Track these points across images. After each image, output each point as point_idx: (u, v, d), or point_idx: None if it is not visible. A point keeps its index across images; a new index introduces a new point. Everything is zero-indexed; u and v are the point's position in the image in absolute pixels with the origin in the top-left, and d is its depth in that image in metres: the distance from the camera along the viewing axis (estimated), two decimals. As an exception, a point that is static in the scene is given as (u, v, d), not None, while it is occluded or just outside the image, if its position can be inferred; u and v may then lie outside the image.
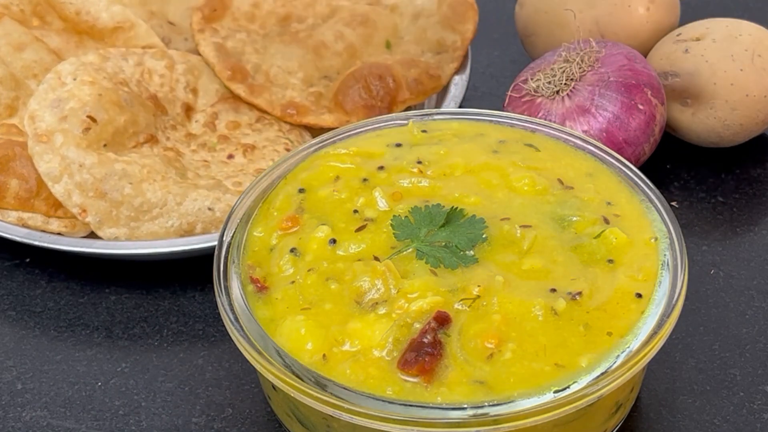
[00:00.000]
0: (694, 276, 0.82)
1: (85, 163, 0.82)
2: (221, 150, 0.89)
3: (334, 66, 0.94)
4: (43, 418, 0.75)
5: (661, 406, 0.73)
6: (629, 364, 0.63)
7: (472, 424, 0.61)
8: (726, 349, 0.77)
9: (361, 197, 0.72)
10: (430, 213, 0.70)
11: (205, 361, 0.78)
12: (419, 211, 0.70)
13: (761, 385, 0.74)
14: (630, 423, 0.72)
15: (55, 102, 0.85)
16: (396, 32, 0.97)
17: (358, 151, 0.77)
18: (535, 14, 0.96)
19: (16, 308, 0.83)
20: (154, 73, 0.91)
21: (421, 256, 0.68)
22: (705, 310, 0.80)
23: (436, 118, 0.80)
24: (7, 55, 0.92)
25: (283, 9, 0.98)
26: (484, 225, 0.69)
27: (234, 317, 0.67)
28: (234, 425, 0.74)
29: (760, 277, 0.82)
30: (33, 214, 0.84)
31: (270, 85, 0.93)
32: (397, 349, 0.63)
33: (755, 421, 0.72)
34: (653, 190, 0.73)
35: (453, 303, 0.65)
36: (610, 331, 0.64)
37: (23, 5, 0.96)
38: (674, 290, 0.66)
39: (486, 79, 1.03)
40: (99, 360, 0.79)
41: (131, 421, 0.74)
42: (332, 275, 0.68)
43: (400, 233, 0.69)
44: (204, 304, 0.82)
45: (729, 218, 0.87)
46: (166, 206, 0.82)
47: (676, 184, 0.90)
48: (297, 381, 0.63)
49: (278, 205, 0.74)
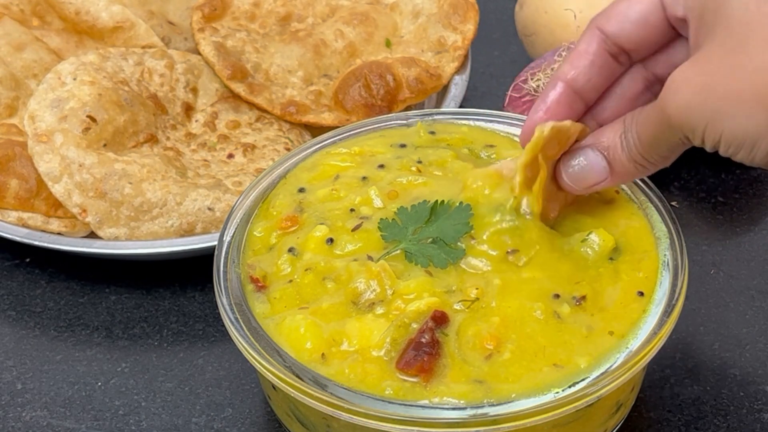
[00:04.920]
0: (694, 276, 0.81)
1: (85, 163, 0.82)
2: (221, 149, 0.89)
3: (334, 65, 0.94)
4: (43, 418, 0.75)
5: (661, 406, 0.73)
6: (629, 364, 0.63)
7: (472, 424, 0.60)
8: (726, 349, 0.77)
9: (358, 196, 0.72)
10: (416, 211, 0.70)
11: (205, 361, 0.78)
12: (405, 212, 0.70)
13: (761, 385, 0.74)
14: (630, 423, 0.72)
15: (55, 102, 0.85)
16: (396, 31, 0.97)
17: (360, 151, 0.77)
18: (535, 14, 0.96)
19: (16, 308, 0.83)
20: (154, 73, 0.91)
21: (410, 258, 0.68)
22: (705, 310, 0.80)
23: (437, 118, 0.80)
24: (7, 55, 0.92)
25: (283, 8, 0.98)
26: (470, 213, 0.69)
27: (234, 317, 0.67)
28: (234, 425, 0.74)
29: (760, 277, 0.82)
30: (33, 214, 0.84)
31: (270, 84, 0.93)
32: (395, 349, 0.63)
33: (755, 421, 0.72)
34: (653, 190, 0.73)
35: (450, 303, 0.65)
36: (612, 331, 0.64)
37: (23, 5, 0.96)
38: (674, 290, 0.66)
39: (486, 79, 1.03)
40: (99, 360, 0.79)
41: (131, 421, 0.74)
42: (329, 275, 0.68)
43: (387, 234, 0.69)
44: (204, 304, 0.82)
45: (729, 218, 0.87)
46: (166, 206, 0.82)
47: (676, 184, 0.90)
48: (297, 381, 0.63)
49: (278, 205, 0.74)
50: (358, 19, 0.96)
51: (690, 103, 0.59)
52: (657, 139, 0.63)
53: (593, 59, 0.66)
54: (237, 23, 0.97)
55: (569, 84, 0.67)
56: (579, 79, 0.67)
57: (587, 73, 0.67)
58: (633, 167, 0.65)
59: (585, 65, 0.67)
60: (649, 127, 0.63)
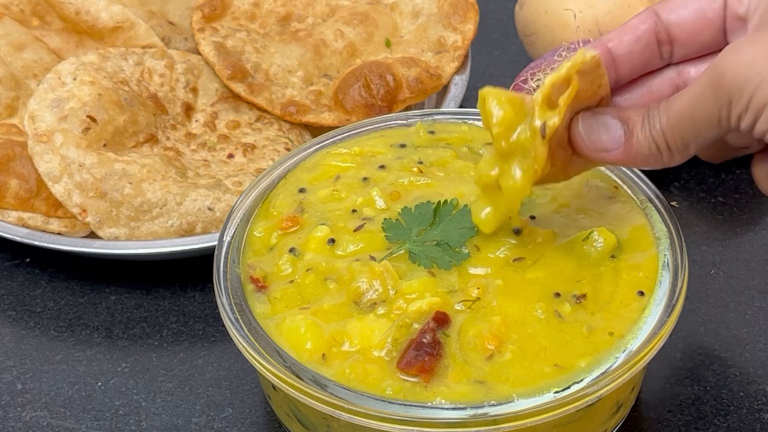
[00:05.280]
0: (694, 276, 0.81)
1: (85, 163, 0.82)
2: (221, 149, 0.89)
3: (334, 64, 0.94)
4: (43, 418, 0.75)
5: (661, 406, 0.73)
6: (629, 364, 0.63)
7: (472, 424, 0.61)
8: (726, 349, 0.77)
9: (360, 197, 0.72)
10: (420, 212, 0.70)
11: (205, 361, 0.78)
12: (409, 212, 0.70)
13: (761, 385, 0.74)
14: (630, 423, 0.72)
15: (55, 102, 0.85)
16: (396, 31, 0.97)
17: (360, 151, 0.77)
18: (535, 14, 0.96)
19: (16, 308, 0.83)
20: (154, 73, 0.91)
21: (413, 258, 0.68)
22: (705, 310, 0.80)
23: (438, 118, 0.80)
24: (7, 55, 0.92)
25: (283, 8, 0.98)
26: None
27: (234, 317, 0.67)
28: (234, 425, 0.74)
29: (760, 277, 0.82)
30: (33, 214, 0.84)
31: (270, 84, 0.93)
32: (396, 349, 0.63)
33: (755, 421, 0.72)
34: (653, 190, 0.73)
35: (451, 303, 0.65)
36: (612, 331, 0.64)
37: (23, 5, 0.96)
38: (674, 290, 0.66)
39: (486, 79, 1.03)
40: (99, 360, 0.79)
41: (131, 421, 0.74)
42: (331, 275, 0.68)
43: (391, 235, 0.69)
44: (204, 304, 0.82)
45: (729, 218, 0.87)
46: (166, 206, 0.82)
47: (676, 184, 0.90)
48: (297, 381, 0.63)
49: (278, 205, 0.74)
50: (358, 19, 0.96)
51: (755, 58, 0.59)
52: (689, 114, 0.62)
53: (640, 35, 0.67)
54: (237, 23, 0.97)
55: (610, 50, 0.67)
56: (619, 48, 0.67)
57: (629, 46, 0.67)
58: (647, 147, 0.64)
59: (630, 39, 0.67)
60: (685, 100, 0.62)
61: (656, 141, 0.64)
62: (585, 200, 0.72)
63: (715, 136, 0.62)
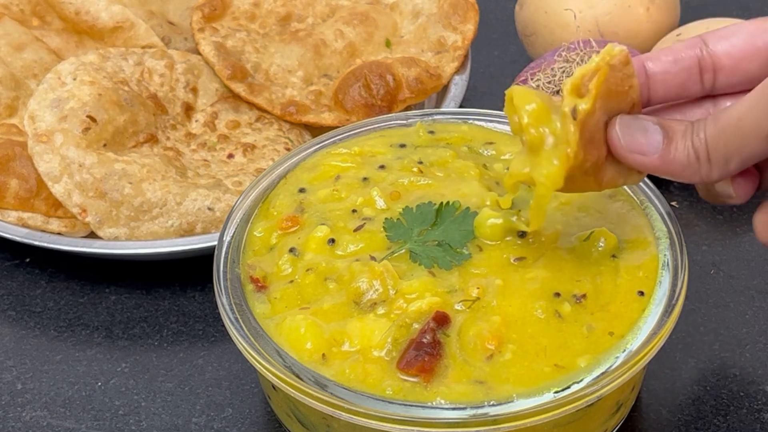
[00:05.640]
0: (694, 276, 0.82)
1: (85, 163, 0.82)
2: (221, 149, 0.89)
3: (334, 64, 0.94)
4: (43, 418, 0.75)
5: (661, 406, 0.73)
6: (629, 364, 0.63)
7: (472, 424, 0.61)
8: (726, 349, 0.77)
9: (360, 197, 0.72)
10: (421, 212, 0.70)
11: (205, 361, 0.78)
12: (410, 212, 0.70)
13: (761, 385, 0.74)
14: (630, 423, 0.72)
15: (55, 102, 0.85)
16: (396, 31, 0.97)
17: (360, 151, 0.77)
18: (535, 14, 0.96)
19: (16, 308, 0.83)
20: (154, 73, 0.91)
21: (414, 258, 0.68)
22: (705, 310, 0.80)
23: (437, 118, 0.80)
24: (7, 55, 0.92)
25: (283, 8, 0.98)
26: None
27: (234, 317, 0.67)
28: (234, 425, 0.74)
29: (760, 277, 0.82)
30: (33, 214, 0.84)
31: (270, 84, 0.93)
32: (396, 349, 0.63)
33: (755, 421, 0.72)
34: (653, 190, 0.73)
35: (451, 303, 0.65)
36: (612, 331, 0.64)
37: (23, 5, 0.96)
38: (674, 290, 0.66)
39: (486, 79, 1.03)
40: (99, 360, 0.79)
41: (131, 421, 0.74)
42: (331, 275, 0.68)
43: (392, 234, 0.69)
44: (204, 304, 0.82)
45: (729, 218, 0.87)
46: (166, 206, 0.82)
47: (676, 184, 0.90)
48: (297, 381, 0.63)
49: (278, 205, 0.74)
50: (358, 19, 0.96)
51: None
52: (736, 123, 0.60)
53: (679, 58, 0.65)
54: (237, 23, 0.97)
55: (645, 67, 0.66)
56: (656, 67, 0.65)
57: (666, 66, 0.66)
58: (685, 156, 0.61)
59: (668, 60, 0.66)
60: (734, 110, 0.60)
61: (697, 150, 0.61)
62: (586, 198, 0.72)
63: (759, 153, 0.60)
